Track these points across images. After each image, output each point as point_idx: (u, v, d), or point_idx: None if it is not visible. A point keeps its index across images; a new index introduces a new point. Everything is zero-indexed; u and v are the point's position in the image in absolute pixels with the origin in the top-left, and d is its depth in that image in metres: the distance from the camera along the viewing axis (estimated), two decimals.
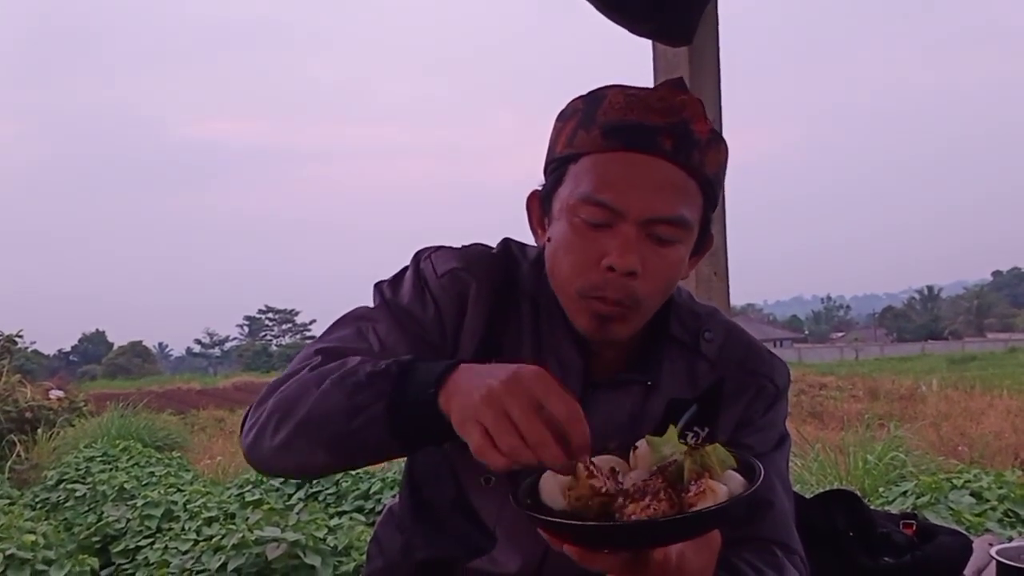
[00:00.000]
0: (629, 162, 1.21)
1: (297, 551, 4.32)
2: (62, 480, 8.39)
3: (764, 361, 1.40)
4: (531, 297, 1.35)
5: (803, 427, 11.41)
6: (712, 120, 2.92)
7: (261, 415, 1.20)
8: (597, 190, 1.20)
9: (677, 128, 1.21)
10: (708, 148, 1.24)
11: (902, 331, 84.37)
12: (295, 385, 1.19)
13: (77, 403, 13.72)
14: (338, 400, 1.12)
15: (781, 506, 1.36)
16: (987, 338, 63.66)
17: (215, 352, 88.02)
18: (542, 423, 0.97)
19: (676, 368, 1.36)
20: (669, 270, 1.25)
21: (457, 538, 1.38)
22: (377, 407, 1.09)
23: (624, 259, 1.19)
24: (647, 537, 0.96)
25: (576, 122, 1.25)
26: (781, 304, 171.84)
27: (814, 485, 6.21)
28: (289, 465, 1.22)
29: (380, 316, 1.32)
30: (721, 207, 2.95)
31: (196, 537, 5.02)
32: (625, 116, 1.22)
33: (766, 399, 1.38)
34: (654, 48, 2.93)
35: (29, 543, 4.61)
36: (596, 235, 1.21)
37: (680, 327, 1.37)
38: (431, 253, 1.37)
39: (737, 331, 1.42)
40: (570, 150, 1.25)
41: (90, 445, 10.22)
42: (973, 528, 4.11)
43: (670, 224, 1.21)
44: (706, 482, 0.96)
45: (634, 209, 1.20)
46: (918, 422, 10.70)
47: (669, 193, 1.21)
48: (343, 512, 6.55)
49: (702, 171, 1.23)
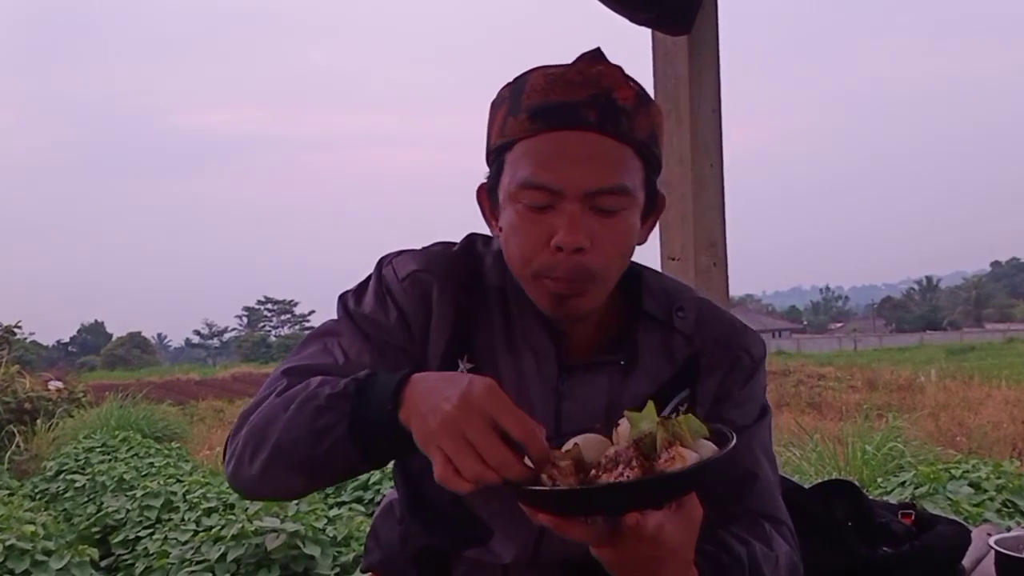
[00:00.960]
0: (559, 141, 1.21)
1: (296, 541, 4.32)
2: (61, 471, 8.40)
3: (739, 334, 1.40)
4: (498, 288, 1.36)
5: (802, 417, 11.40)
6: (711, 109, 2.94)
7: (237, 445, 1.22)
8: (534, 174, 1.21)
9: (599, 99, 1.21)
10: (636, 113, 1.23)
11: (901, 322, 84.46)
12: (264, 412, 1.20)
13: (76, 394, 13.74)
14: (303, 425, 1.14)
15: (766, 478, 1.37)
16: (985, 328, 63.76)
17: (214, 343, 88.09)
18: (500, 443, 0.98)
19: (652, 344, 1.36)
20: (619, 239, 1.25)
21: (453, 529, 1.39)
22: (340, 429, 1.11)
23: (570, 237, 1.19)
24: (615, 500, 0.97)
25: (505, 110, 1.26)
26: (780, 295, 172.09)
27: (813, 475, 6.22)
28: (272, 491, 1.25)
29: (343, 329, 1.33)
30: (719, 198, 2.94)
31: (196, 527, 5.03)
32: (548, 97, 1.22)
33: (743, 371, 1.38)
34: (653, 37, 2.92)
35: (29, 533, 4.61)
36: (541, 217, 1.22)
37: (653, 304, 1.37)
38: (392, 259, 1.37)
39: (709, 306, 1.42)
40: (503, 139, 1.25)
41: (89, 436, 10.22)
42: (971, 518, 4.11)
43: (611, 194, 1.22)
44: (676, 449, 0.98)
45: (572, 185, 1.20)
46: (916, 412, 10.74)
47: (604, 164, 1.21)
48: (342, 503, 6.56)
49: (633, 136, 1.23)
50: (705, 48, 2.87)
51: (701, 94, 2.86)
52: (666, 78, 2.89)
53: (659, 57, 2.90)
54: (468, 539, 1.38)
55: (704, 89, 2.87)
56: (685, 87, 2.83)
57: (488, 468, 0.97)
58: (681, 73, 2.85)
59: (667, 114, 2.89)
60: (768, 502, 1.36)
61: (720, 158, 2.92)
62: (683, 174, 2.87)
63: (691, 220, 2.85)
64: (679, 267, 2.84)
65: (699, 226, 2.85)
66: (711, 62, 2.89)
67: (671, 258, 2.88)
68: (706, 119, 2.87)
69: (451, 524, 1.39)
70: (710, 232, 2.89)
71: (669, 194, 2.92)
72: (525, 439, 0.99)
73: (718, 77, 2.91)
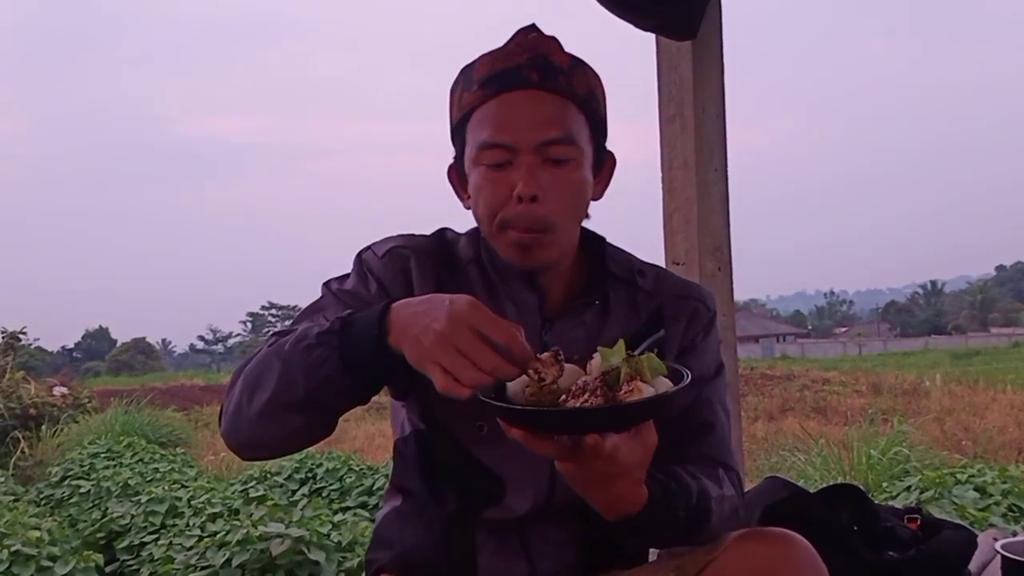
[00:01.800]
0: (508, 101, 1.36)
1: (301, 547, 4.31)
2: (66, 476, 8.39)
3: (694, 288, 1.55)
4: (473, 260, 1.48)
5: (806, 422, 11.39)
6: (715, 114, 2.95)
7: (233, 397, 1.30)
8: (491, 135, 1.36)
9: (538, 61, 1.37)
10: (573, 72, 1.39)
11: (905, 326, 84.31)
12: (257, 362, 1.29)
13: (81, 399, 13.72)
14: (297, 364, 1.23)
15: (721, 428, 1.48)
16: (991, 333, 63.57)
17: (218, 348, 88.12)
18: (490, 350, 1.10)
19: (619, 299, 1.49)
20: (571, 188, 1.38)
21: (468, 491, 1.46)
22: (332, 360, 1.21)
23: (526, 185, 1.33)
24: (577, 422, 1.11)
25: (460, 89, 1.42)
26: (784, 299, 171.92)
27: (818, 480, 6.21)
28: (270, 436, 1.31)
29: (327, 304, 1.43)
30: (724, 202, 2.95)
31: (200, 533, 5.03)
32: (493, 66, 1.38)
33: (702, 321, 1.51)
34: (657, 42, 2.93)
35: (34, 539, 4.61)
36: (502, 174, 1.36)
37: (616, 266, 1.50)
38: (371, 245, 1.49)
39: (664, 270, 1.58)
40: (461, 112, 1.41)
41: (94, 441, 10.20)
42: (977, 523, 4.10)
43: (560, 144, 1.36)
44: (635, 383, 1.11)
45: (524, 139, 1.35)
46: (922, 417, 10.71)
47: (549, 116, 1.36)
48: (347, 508, 6.55)
49: (574, 91, 1.38)
50: (709, 53, 2.88)
51: (705, 99, 2.86)
52: (670, 83, 2.89)
53: (663, 62, 2.91)
54: (483, 499, 1.45)
55: (708, 94, 2.88)
56: (689, 92, 2.84)
57: (483, 373, 1.09)
58: (685, 78, 2.85)
59: (671, 119, 2.90)
60: (721, 449, 1.47)
61: (724, 162, 2.92)
62: (687, 178, 2.87)
63: (695, 224, 2.85)
64: (683, 271, 2.83)
65: (703, 230, 2.86)
66: (715, 67, 2.89)
67: (675, 263, 2.88)
68: (710, 123, 2.87)
69: (465, 487, 1.46)
70: (715, 236, 2.89)
71: (673, 198, 2.95)
72: (509, 343, 1.11)
73: (722, 82, 2.91)
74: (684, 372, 1.16)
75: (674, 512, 1.28)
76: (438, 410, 1.46)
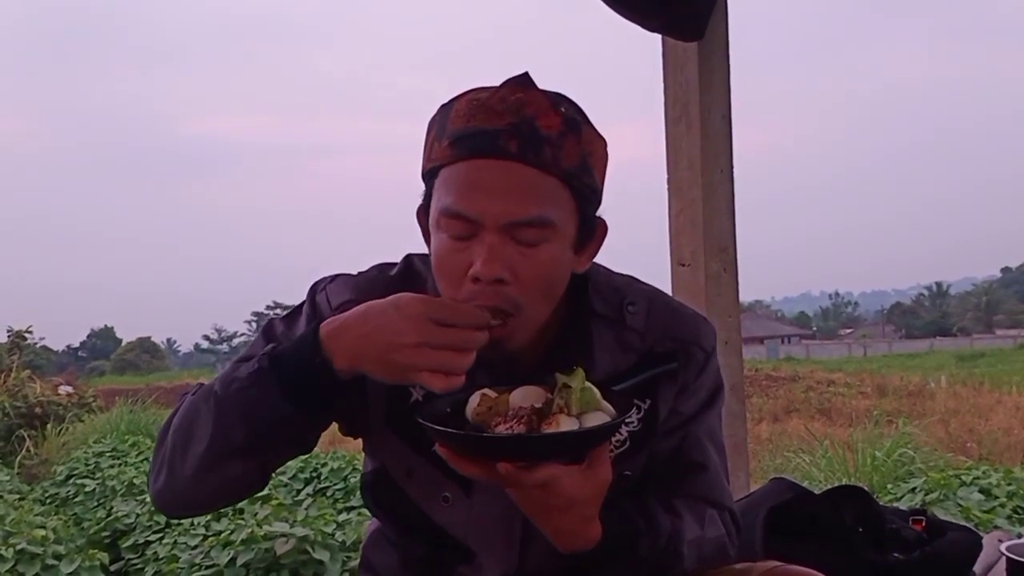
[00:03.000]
0: (478, 169, 1.18)
1: (305, 546, 4.31)
2: (71, 475, 8.39)
3: (689, 327, 1.40)
4: None
5: (811, 424, 11.37)
6: (721, 115, 2.95)
7: (164, 455, 1.24)
8: (454, 203, 1.19)
9: (520, 128, 1.18)
10: (562, 141, 1.19)
11: (910, 328, 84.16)
12: (185, 414, 1.23)
13: (86, 399, 13.72)
14: (233, 407, 1.17)
15: (713, 467, 1.40)
16: (996, 335, 63.44)
17: (223, 348, 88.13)
18: (462, 330, 1.10)
19: (605, 344, 1.35)
20: (542, 271, 1.21)
21: (439, 550, 1.39)
22: (272, 396, 1.15)
23: (487, 267, 1.17)
24: (485, 447, 1.09)
25: (433, 134, 1.24)
26: (789, 300, 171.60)
27: (822, 481, 6.19)
28: (208, 489, 1.25)
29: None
30: (729, 204, 2.94)
31: (205, 532, 5.02)
32: (468, 123, 1.19)
33: (697, 364, 1.38)
34: (664, 43, 2.93)
35: (39, 538, 4.61)
36: (462, 246, 1.20)
37: (602, 303, 1.36)
38: (326, 285, 1.37)
39: (659, 297, 1.42)
40: (431, 164, 1.24)
41: (99, 440, 10.21)
42: (982, 525, 4.09)
43: (531, 226, 1.19)
44: (557, 416, 1.09)
45: (490, 216, 1.17)
46: (927, 419, 10.67)
47: (522, 195, 1.18)
48: (351, 507, 6.54)
49: (559, 166, 1.19)
50: (715, 54, 2.88)
51: (711, 100, 2.87)
52: (677, 84, 2.90)
53: (670, 63, 2.91)
54: (455, 559, 1.38)
55: (714, 95, 2.88)
56: (695, 93, 2.84)
57: (468, 352, 1.09)
58: (692, 79, 2.85)
59: (677, 120, 2.90)
60: (714, 490, 1.39)
61: (730, 163, 2.92)
62: (693, 179, 2.87)
63: (701, 226, 2.85)
64: (689, 273, 2.84)
65: (709, 232, 2.86)
66: (721, 68, 2.90)
67: (681, 264, 2.89)
68: (716, 125, 2.87)
69: (435, 547, 1.39)
70: (720, 238, 2.89)
71: (679, 200, 2.95)
72: (457, 319, 1.10)
73: (728, 83, 2.91)
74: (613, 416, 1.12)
75: (636, 552, 1.23)
76: (395, 477, 1.38)
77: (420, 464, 1.33)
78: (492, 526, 1.33)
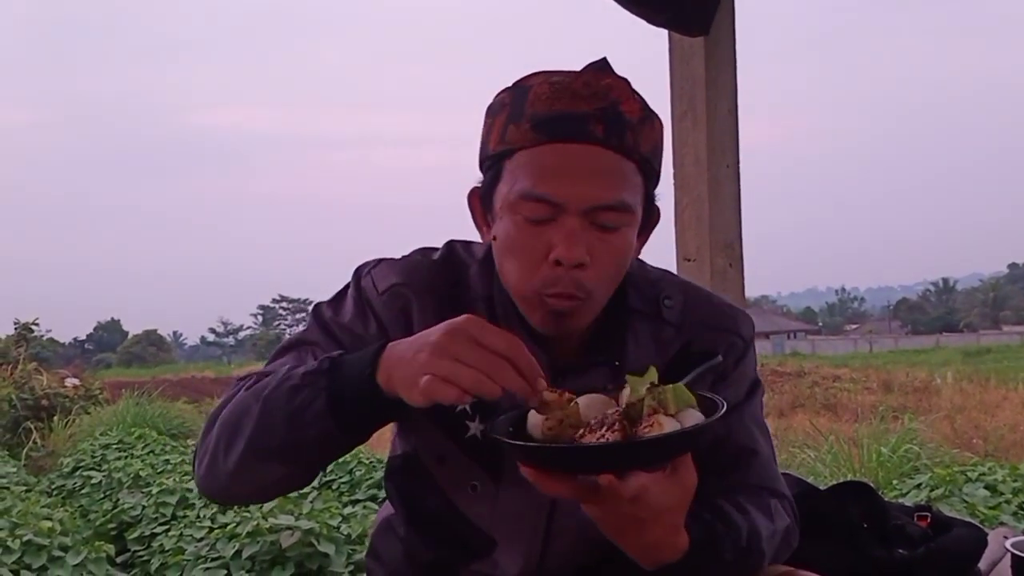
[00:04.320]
0: (562, 153, 1.19)
1: (311, 539, 4.32)
2: (78, 467, 8.43)
3: (728, 316, 1.40)
4: (484, 297, 1.33)
5: (817, 419, 11.35)
6: (727, 110, 2.94)
7: (209, 444, 1.22)
8: (535, 185, 1.19)
9: (606, 112, 1.19)
10: (641, 127, 1.22)
11: (917, 323, 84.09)
12: (234, 407, 1.20)
13: (93, 391, 13.78)
14: (279, 407, 1.14)
15: (764, 452, 1.38)
16: (1003, 331, 63.35)
17: (229, 341, 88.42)
18: (492, 354, 1.01)
19: (641, 340, 1.34)
20: (617, 256, 1.23)
21: (456, 543, 1.38)
22: (319, 402, 1.12)
23: (571, 251, 1.18)
24: (586, 459, 1.01)
25: (505, 117, 1.23)
26: (795, 296, 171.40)
27: (828, 477, 6.18)
28: (248, 486, 1.24)
29: (319, 338, 1.32)
30: (736, 199, 2.94)
31: (211, 524, 5.04)
32: (552, 106, 1.19)
33: (736, 353, 1.38)
34: (670, 38, 2.92)
35: (46, 529, 4.63)
36: (540, 230, 1.20)
37: (638, 298, 1.36)
38: (371, 268, 1.36)
39: (694, 290, 1.43)
40: (503, 146, 1.23)
41: (105, 433, 10.25)
42: (987, 521, 4.09)
43: (612, 210, 1.20)
44: (656, 417, 1.00)
45: (574, 200, 1.18)
46: (932, 415, 10.67)
47: (607, 179, 1.20)
48: (356, 500, 6.56)
49: (637, 151, 1.21)
50: (721, 49, 2.87)
51: (717, 95, 2.86)
52: (683, 79, 2.89)
53: (676, 58, 2.90)
54: (471, 553, 1.37)
55: (720, 90, 2.87)
56: (702, 88, 2.83)
57: (484, 376, 1.00)
58: (698, 74, 2.85)
59: (683, 115, 2.89)
60: (768, 475, 1.37)
61: (736, 158, 2.92)
62: (699, 174, 2.87)
63: (707, 221, 2.85)
64: (695, 268, 2.84)
65: (715, 227, 2.85)
66: (728, 63, 2.89)
67: (687, 259, 2.88)
68: (722, 119, 2.87)
69: (452, 538, 1.38)
70: (726, 233, 2.89)
71: (685, 195, 2.95)
72: (511, 353, 1.02)
73: (735, 78, 2.91)
74: (719, 402, 1.05)
75: (721, 556, 1.18)
76: (425, 463, 1.37)
77: (452, 451, 1.33)
78: (518, 518, 1.32)
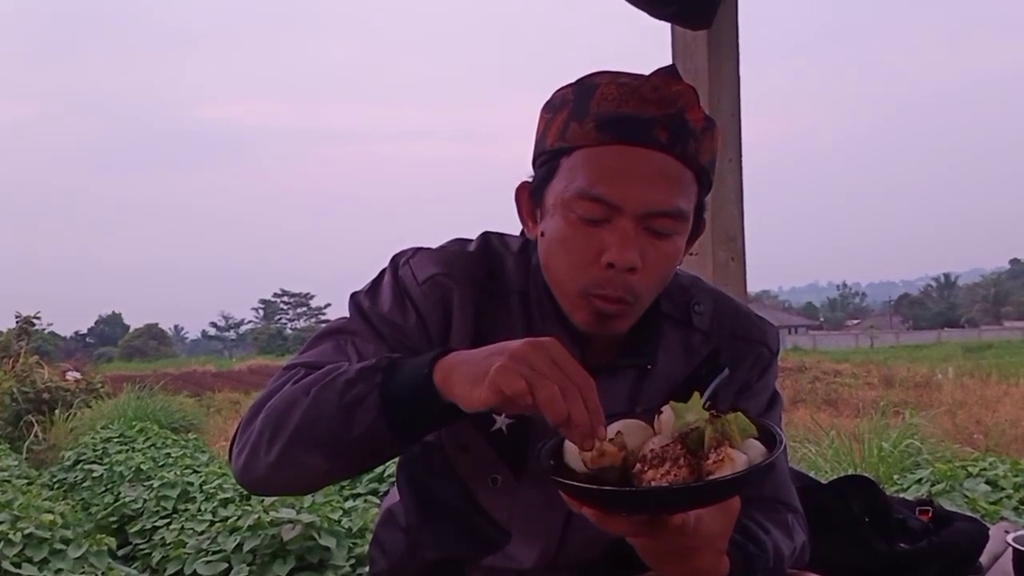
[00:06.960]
0: (625, 155, 1.19)
1: (312, 532, 4.34)
2: (79, 460, 8.45)
3: (756, 327, 1.41)
4: (519, 291, 1.33)
5: (818, 414, 11.39)
6: (730, 104, 2.93)
7: (251, 434, 1.20)
8: (593, 184, 1.18)
9: (673, 119, 1.19)
10: (703, 137, 1.23)
11: (918, 319, 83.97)
12: (282, 398, 1.18)
13: (94, 384, 13.82)
14: (330, 401, 1.13)
15: (781, 466, 1.39)
16: (1004, 326, 63.26)
17: (230, 335, 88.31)
18: (568, 379, 0.99)
19: (671, 345, 1.35)
20: (667, 262, 1.24)
21: (469, 535, 1.37)
22: (371, 399, 1.10)
23: (624, 255, 1.17)
24: (666, 503, 0.98)
25: (567, 113, 1.22)
26: (796, 291, 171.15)
27: (829, 472, 6.19)
28: (286, 479, 1.22)
29: (358, 328, 1.30)
30: (738, 193, 2.94)
31: (212, 518, 5.06)
32: (620, 108, 1.19)
33: (762, 364, 1.39)
34: (672, 31, 2.92)
35: (47, 522, 4.64)
36: (593, 231, 1.20)
37: (670, 303, 1.36)
38: (409, 258, 1.34)
39: (724, 298, 1.43)
40: (562, 143, 1.22)
41: (107, 426, 10.27)
42: (988, 516, 4.09)
43: (668, 217, 1.21)
44: (725, 450, 0.97)
45: (631, 203, 1.18)
46: (933, 410, 10.66)
47: (666, 185, 1.20)
48: (357, 494, 6.57)
49: (697, 160, 1.22)
50: (724, 42, 2.87)
51: (720, 89, 2.86)
52: (685, 72, 2.85)
53: (678, 51, 2.90)
54: (484, 546, 1.36)
55: (723, 84, 2.87)
56: (704, 82, 2.83)
57: (558, 395, 0.97)
58: (700, 68, 2.84)
59: None
60: (783, 489, 1.38)
61: (739, 153, 2.91)
62: None
63: (709, 215, 2.84)
64: (697, 262, 2.83)
65: (717, 221, 2.85)
66: (730, 57, 2.88)
67: (689, 253, 2.88)
68: (725, 114, 2.86)
69: (465, 531, 1.37)
70: (728, 227, 2.88)
71: None
72: (585, 388, 0.99)
73: (737, 72, 2.90)
74: (777, 435, 1.04)
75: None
76: (448, 451, 1.36)
77: (477, 441, 1.32)
78: (537, 514, 1.32)
